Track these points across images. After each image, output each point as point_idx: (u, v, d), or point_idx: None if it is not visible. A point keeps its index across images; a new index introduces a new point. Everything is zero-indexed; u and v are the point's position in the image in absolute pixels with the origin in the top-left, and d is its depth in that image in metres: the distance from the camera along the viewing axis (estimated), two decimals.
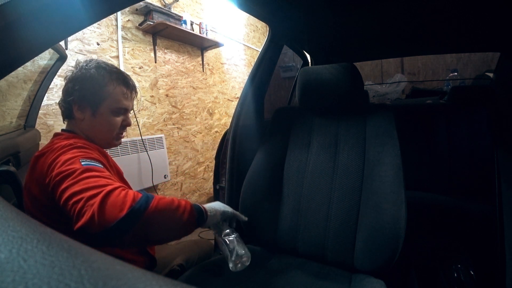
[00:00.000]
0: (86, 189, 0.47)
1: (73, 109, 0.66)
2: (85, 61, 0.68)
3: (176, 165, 2.24)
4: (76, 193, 0.47)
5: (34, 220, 0.18)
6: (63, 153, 0.55)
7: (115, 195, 0.47)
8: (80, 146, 0.59)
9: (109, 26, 1.74)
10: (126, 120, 0.73)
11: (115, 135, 0.72)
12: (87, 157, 0.56)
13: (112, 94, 0.67)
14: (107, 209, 0.45)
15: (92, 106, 0.66)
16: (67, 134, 0.66)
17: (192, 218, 0.57)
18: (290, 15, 1.04)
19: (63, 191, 0.49)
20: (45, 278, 0.12)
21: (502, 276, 0.68)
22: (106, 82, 0.66)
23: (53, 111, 1.50)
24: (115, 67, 0.70)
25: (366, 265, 0.72)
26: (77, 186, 0.48)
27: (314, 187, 0.85)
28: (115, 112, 0.69)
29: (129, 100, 0.72)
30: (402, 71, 2.89)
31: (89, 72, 0.65)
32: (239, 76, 2.97)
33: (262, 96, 1.17)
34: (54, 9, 0.39)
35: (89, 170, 0.51)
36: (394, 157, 0.75)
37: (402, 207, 0.69)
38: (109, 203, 0.46)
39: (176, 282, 0.13)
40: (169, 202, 0.53)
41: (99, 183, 0.49)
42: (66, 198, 0.47)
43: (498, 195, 0.82)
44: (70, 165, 0.52)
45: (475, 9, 0.96)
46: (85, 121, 0.67)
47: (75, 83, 0.65)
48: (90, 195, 0.46)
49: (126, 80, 0.71)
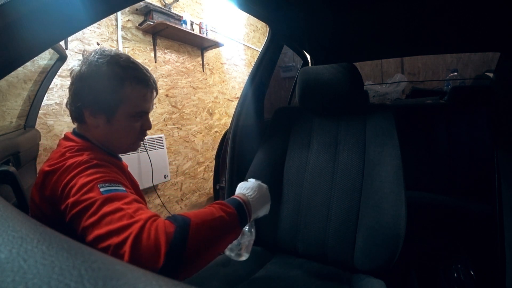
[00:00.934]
0: (111, 233, 0.41)
1: (84, 114, 0.56)
2: (94, 53, 0.56)
3: (176, 165, 2.24)
4: (101, 237, 0.42)
5: (34, 220, 0.18)
6: (79, 175, 0.48)
7: (145, 239, 0.41)
8: (97, 165, 0.51)
9: (109, 26, 1.74)
10: (146, 124, 0.63)
11: (134, 141, 0.63)
12: (106, 180, 0.48)
13: (130, 97, 0.57)
14: (142, 258, 0.40)
15: (107, 112, 0.56)
16: (80, 143, 0.56)
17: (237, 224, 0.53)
18: (290, 15, 1.04)
19: (84, 230, 0.43)
20: (45, 278, 0.12)
21: (502, 276, 0.68)
22: (123, 82, 0.56)
23: (53, 111, 1.50)
24: (130, 60, 0.59)
25: (366, 265, 0.72)
26: (100, 227, 0.42)
27: (314, 187, 0.85)
28: (133, 117, 0.59)
29: (150, 101, 0.62)
30: (402, 71, 2.89)
31: (100, 69, 0.54)
32: (239, 76, 2.97)
33: (262, 96, 1.17)
34: (54, 9, 0.39)
35: (109, 200, 0.45)
36: (394, 157, 0.75)
37: (402, 207, 0.69)
38: (142, 251, 0.40)
39: (176, 282, 0.13)
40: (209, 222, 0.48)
41: (123, 223, 0.42)
42: (91, 241, 0.42)
43: (498, 195, 0.82)
44: (88, 193, 0.45)
45: (475, 9, 0.96)
46: (99, 128, 0.58)
47: (84, 84, 0.55)
48: (117, 243, 0.40)
49: (146, 79, 0.60)
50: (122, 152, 0.64)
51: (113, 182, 0.49)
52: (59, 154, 0.53)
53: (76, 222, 0.45)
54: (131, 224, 0.42)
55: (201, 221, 0.46)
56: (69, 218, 0.45)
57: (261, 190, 0.65)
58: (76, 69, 0.56)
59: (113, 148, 0.62)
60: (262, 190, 0.65)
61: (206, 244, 0.46)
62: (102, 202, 0.44)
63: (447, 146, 1.42)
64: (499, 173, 0.85)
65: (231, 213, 0.53)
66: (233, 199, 0.59)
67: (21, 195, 0.79)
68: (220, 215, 0.50)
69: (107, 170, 0.51)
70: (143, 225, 0.42)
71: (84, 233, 0.43)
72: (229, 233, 0.52)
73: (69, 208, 0.45)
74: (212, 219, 0.48)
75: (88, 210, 0.44)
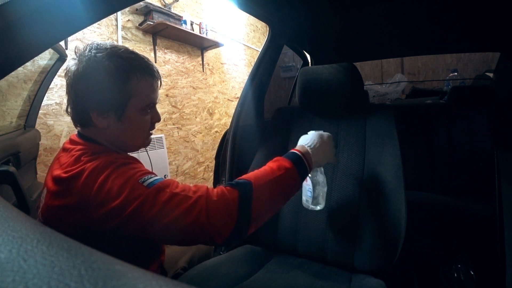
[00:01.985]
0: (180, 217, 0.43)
1: (91, 116, 0.52)
2: (89, 48, 0.51)
3: (176, 165, 2.24)
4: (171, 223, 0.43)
5: (34, 220, 0.18)
6: (111, 176, 0.45)
7: (214, 211, 0.44)
8: (124, 163, 0.49)
9: (109, 26, 1.74)
10: (156, 116, 0.60)
11: (146, 135, 0.60)
12: (142, 174, 0.47)
13: (138, 89, 0.53)
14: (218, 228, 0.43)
15: (117, 110, 0.52)
16: (91, 146, 0.52)
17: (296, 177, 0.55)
18: (290, 15, 1.04)
19: (148, 223, 0.43)
20: (45, 278, 0.12)
21: (502, 276, 0.68)
22: (128, 75, 0.51)
23: (53, 111, 1.50)
24: (131, 51, 0.55)
25: (366, 265, 0.72)
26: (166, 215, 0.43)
27: None
28: (143, 110, 0.56)
29: (156, 91, 0.59)
30: (402, 71, 2.89)
31: (101, 64, 0.50)
32: (239, 76, 2.97)
33: (262, 96, 1.17)
34: (54, 9, 0.39)
35: (160, 190, 0.44)
36: (394, 157, 0.75)
37: (402, 207, 0.69)
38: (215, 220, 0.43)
39: (176, 282, 0.13)
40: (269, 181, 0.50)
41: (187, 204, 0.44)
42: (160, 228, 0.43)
43: (498, 195, 0.82)
44: (134, 191, 0.44)
45: (475, 9, 0.96)
46: (109, 129, 0.53)
47: (87, 83, 0.50)
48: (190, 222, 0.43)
49: (150, 68, 0.56)
50: (134, 150, 0.61)
51: (148, 174, 0.48)
52: (74, 159, 0.49)
53: (131, 223, 0.43)
54: (195, 202, 0.44)
55: (262, 183, 0.49)
56: (119, 222, 0.43)
57: (321, 138, 0.66)
58: (72, 69, 0.51)
59: (126, 147, 0.58)
60: (323, 138, 0.66)
61: (269, 203, 0.49)
62: (155, 194, 0.44)
63: (447, 146, 1.41)
64: (499, 173, 0.85)
65: (290, 169, 0.55)
66: (292, 153, 0.60)
67: (21, 195, 0.79)
68: (280, 173, 0.52)
69: (135, 166, 0.49)
70: (207, 198, 0.45)
71: (145, 229, 0.43)
72: (289, 188, 0.54)
73: (116, 211, 0.43)
74: (273, 178, 0.51)
75: (144, 206, 0.42)
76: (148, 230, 0.43)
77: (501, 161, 0.87)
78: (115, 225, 0.44)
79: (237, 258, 0.80)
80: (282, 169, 0.54)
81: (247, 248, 0.87)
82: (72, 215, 0.46)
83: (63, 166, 0.49)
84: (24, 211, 0.59)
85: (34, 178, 1.30)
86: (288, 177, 0.54)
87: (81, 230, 0.46)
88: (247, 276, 0.74)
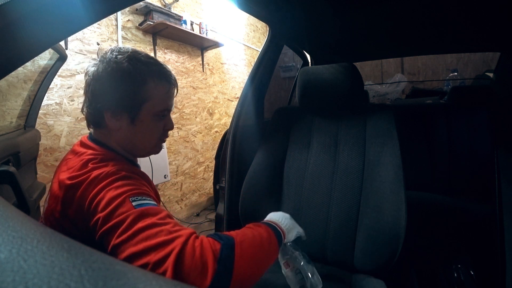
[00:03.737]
0: (149, 250, 0.37)
1: (104, 117, 0.52)
2: (111, 51, 0.52)
3: (176, 165, 2.24)
4: (136, 255, 0.37)
5: (34, 220, 0.18)
6: (107, 187, 0.44)
7: (188, 257, 0.37)
8: (125, 176, 0.47)
9: (109, 26, 1.74)
10: (169, 124, 0.59)
11: (157, 142, 0.59)
12: (136, 193, 0.45)
13: (154, 94, 0.53)
14: (187, 277, 0.36)
15: (130, 112, 0.52)
16: (100, 151, 0.52)
17: (275, 245, 0.52)
18: (290, 15, 1.04)
19: (116, 247, 0.39)
20: (45, 278, 0.12)
21: (502, 276, 0.68)
22: (146, 79, 0.52)
23: (53, 111, 1.50)
24: (150, 56, 0.56)
25: (366, 265, 0.72)
26: (135, 244, 0.38)
27: (314, 187, 0.85)
28: (157, 116, 0.55)
29: (172, 98, 0.59)
30: (402, 71, 2.89)
31: (121, 66, 0.50)
32: (239, 76, 2.97)
33: (262, 96, 1.17)
34: (54, 9, 0.39)
35: (143, 215, 0.41)
36: (394, 157, 0.75)
37: (402, 207, 0.69)
38: (185, 270, 0.36)
39: (176, 282, 0.13)
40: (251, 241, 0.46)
41: (161, 239, 0.38)
42: (124, 258, 0.38)
43: (498, 195, 0.82)
44: (119, 207, 0.42)
45: (475, 9, 0.96)
46: (121, 131, 0.54)
47: (104, 83, 0.51)
48: (156, 260, 0.36)
49: (168, 74, 0.56)
50: (145, 156, 0.61)
51: (144, 195, 0.45)
52: (81, 164, 0.48)
53: (106, 239, 0.40)
54: (172, 239, 0.39)
55: (244, 238, 0.45)
56: (99, 235, 0.41)
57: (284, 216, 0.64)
58: (92, 69, 0.52)
59: (136, 152, 0.58)
60: (285, 216, 0.64)
61: (252, 262, 0.44)
62: (135, 217, 0.40)
63: (447, 146, 1.42)
64: (499, 173, 0.85)
65: (266, 229, 0.52)
66: (262, 221, 0.59)
67: (21, 195, 0.79)
68: (258, 232, 0.49)
69: (136, 182, 0.48)
70: (185, 240, 0.39)
71: (116, 251, 0.39)
72: (270, 249, 0.50)
73: (99, 224, 0.41)
74: (252, 236, 0.47)
75: (120, 227, 0.40)
76: (117, 251, 0.39)
77: (501, 161, 0.87)
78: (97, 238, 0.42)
79: None
80: (259, 229, 0.51)
81: None
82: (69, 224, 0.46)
83: (70, 170, 0.49)
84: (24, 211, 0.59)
85: (34, 178, 1.30)
86: (267, 237, 0.50)
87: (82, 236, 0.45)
88: None
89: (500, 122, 1.03)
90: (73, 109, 1.57)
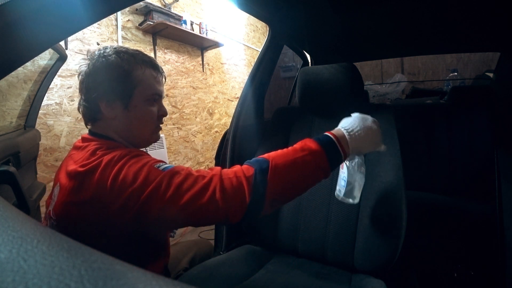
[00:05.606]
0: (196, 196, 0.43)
1: (100, 107, 0.55)
2: (100, 50, 0.57)
3: None
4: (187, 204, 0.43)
5: (34, 220, 0.18)
6: (126, 165, 0.46)
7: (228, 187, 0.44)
8: (138, 155, 0.50)
9: (109, 26, 1.74)
10: (162, 109, 0.62)
11: (154, 128, 0.62)
12: (156, 161, 0.48)
13: (143, 79, 0.57)
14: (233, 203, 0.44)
15: (123, 99, 0.55)
16: (104, 141, 0.54)
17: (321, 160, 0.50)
18: (290, 15, 1.04)
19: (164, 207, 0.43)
20: (45, 278, 0.12)
21: (502, 276, 0.68)
22: (133, 67, 0.56)
23: (53, 111, 1.50)
24: (136, 49, 0.60)
25: (366, 265, 0.72)
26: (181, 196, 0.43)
27: (314, 187, 0.85)
28: (149, 100, 0.58)
29: (161, 84, 0.62)
30: (402, 71, 2.89)
31: (109, 59, 0.54)
32: (239, 76, 2.97)
33: (262, 96, 1.17)
34: (54, 9, 0.39)
35: (174, 172, 0.45)
36: (394, 157, 0.75)
37: (402, 207, 0.69)
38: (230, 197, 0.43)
39: (176, 282, 0.13)
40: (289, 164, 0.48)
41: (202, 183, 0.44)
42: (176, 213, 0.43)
43: (498, 195, 0.82)
44: (149, 175, 0.44)
45: (475, 9, 0.96)
46: (117, 119, 0.56)
47: (96, 76, 0.54)
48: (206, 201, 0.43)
49: (153, 62, 0.60)
50: (145, 145, 0.63)
51: (162, 162, 0.49)
52: (89, 154, 0.50)
53: (148, 206, 0.43)
54: (209, 181, 0.44)
55: (281, 162, 0.47)
56: (139, 206, 0.43)
57: (364, 122, 0.58)
58: (83, 68, 0.56)
59: (134, 140, 0.60)
60: (366, 122, 0.58)
61: (286, 184, 0.47)
62: (169, 177, 0.44)
63: (447, 146, 1.41)
64: (499, 173, 0.85)
65: (316, 151, 0.50)
66: (324, 135, 0.55)
67: (21, 195, 0.79)
68: (303, 154, 0.49)
69: (149, 157, 0.51)
70: (220, 176, 0.45)
71: (163, 211, 0.43)
72: (313, 173, 0.50)
73: (135, 196, 0.43)
74: (293, 158, 0.48)
75: (160, 188, 0.43)
76: (166, 212, 0.43)
77: (501, 161, 0.87)
78: (133, 214, 0.44)
79: (237, 258, 0.80)
80: (306, 150, 0.50)
81: (247, 248, 0.87)
82: (89, 211, 0.46)
83: (78, 161, 0.50)
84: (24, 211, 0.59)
85: (34, 178, 1.30)
86: (312, 160, 0.49)
87: (98, 227, 0.46)
88: (247, 276, 0.74)
89: (500, 122, 1.03)
90: (73, 109, 1.57)
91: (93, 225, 0.46)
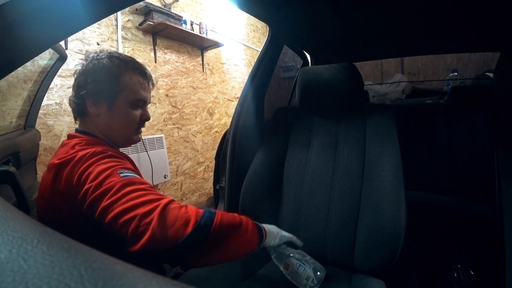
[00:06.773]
0: (136, 206, 0.42)
1: (86, 104, 0.59)
2: (96, 53, 0.62)
3: (176, 165, 2.24)
4: (124, 211, 0.42)
5: (34, 220, 0.18)
6: (95, 163, 0.49)
7: (174, 210, 0.43)
8: (111, 155, 0.53)
9: (109, 26, 1.74)
10: (145, 114, 0.66)
11: (134, 131, 0.65)
12: (123, 168, 0.50)
13: (129, 84, 0.61)
14: (169, 226, 0.41)
15: (108, 99, 0.59)
16: (85, 137, 0.58)
17: (255, 235, 0.56)
18: (290, 15, 1.04)
19: (105, 209, 0.43)
20: (45, 278, 0.12)
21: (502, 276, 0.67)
22: (122, 72, 0.60)
23: (53, 111, 1.50)
24: (129, 56, 0.64)
25: (366, 265, 0.72)
26: (123, 203, 0.43)
27: (314, 187, 0.85)
28: (133, 104, 0.62)
29: (147, 91, 0.66)
30: (402, 71, 2.89)
31: (101, 62, 0.59)
32: (239, 76, 2.97)
33: (262, 96, 1.17)
34: (54, 9, 0.39)
35: (131, 182, 0.46)
36: (394, 157, 0.75)
37: (402, 207, 0.69)
38: (169, 219, 0.42)
39: (176, 282, 0.13)
40: (231, 217, 0.51)
41: (148, 198, 0.44)
42: (112, 217, 0.42)
43: (498, 195, 0.82)
44: (108, 178, 0.46)
45: (475, 9, 0.96)
46: (101, 117, 0.60)
47: (87, 76, 0.59)
48: (144, 212, 0.41)
49: (143, 70, 0.64)
50: (124, 145, 0.66)
51: (130, 170, 0.51)
52: (69, 148, 0.54)
53: (95, 205, 0.45)
54: (156, 199, 0.44)
55: (226, 215, 0.50)
56: (88, 204, 0.45)
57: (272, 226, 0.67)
58: (78, 68, 0.61)
59: (115, 138, 0.64)
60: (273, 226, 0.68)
61: (229, 232, 0.49)
62: (123, 184, 0.45)
63: (447, 146, 1.41)
64: (499, 173, 0.85)
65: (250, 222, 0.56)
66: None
67: (21, 195, 0.79)
68: (241, 219, 0.54)
69: (121, 161, 0.53)
70: (170, 201, 0.45)
71: (104, 213, 0.43)
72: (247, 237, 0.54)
73: (89, 193, 0.45)
74: (233, 216, 0.52)
75: (109, 191, 0.44)
76: (105, 216, 0.43)
77: (501, 161, 0.87)
78: (85, 210, 0.46)
79: None
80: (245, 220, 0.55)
81: None
82: (60, 199, 0.50)
83: (58, 156, 0.54)
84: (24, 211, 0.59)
85: (34, 178, 1.30)
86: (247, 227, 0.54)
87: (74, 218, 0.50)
88: (247, 276, 0.74)
89: (500, 122, 1.03)
90: None
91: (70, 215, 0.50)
